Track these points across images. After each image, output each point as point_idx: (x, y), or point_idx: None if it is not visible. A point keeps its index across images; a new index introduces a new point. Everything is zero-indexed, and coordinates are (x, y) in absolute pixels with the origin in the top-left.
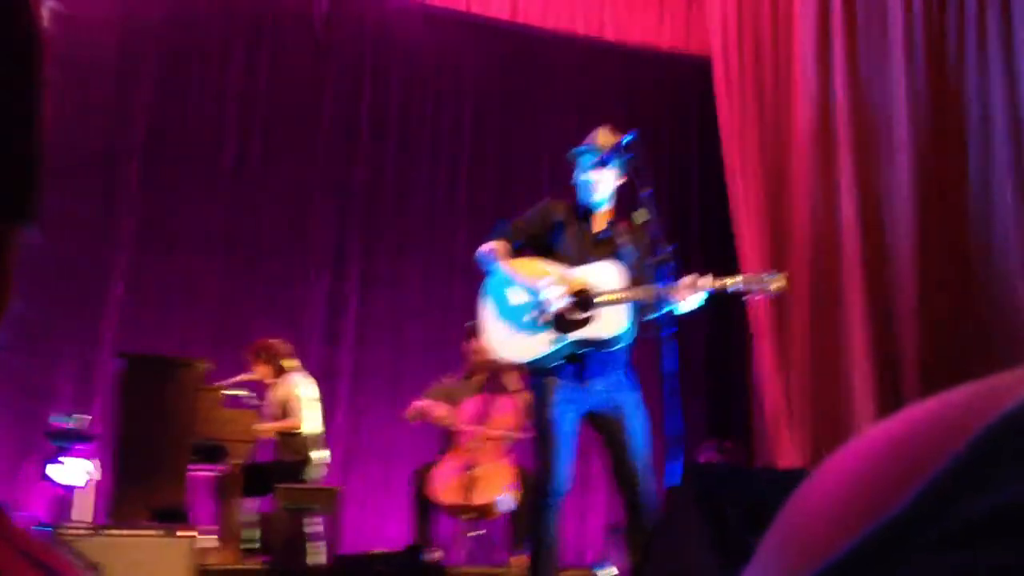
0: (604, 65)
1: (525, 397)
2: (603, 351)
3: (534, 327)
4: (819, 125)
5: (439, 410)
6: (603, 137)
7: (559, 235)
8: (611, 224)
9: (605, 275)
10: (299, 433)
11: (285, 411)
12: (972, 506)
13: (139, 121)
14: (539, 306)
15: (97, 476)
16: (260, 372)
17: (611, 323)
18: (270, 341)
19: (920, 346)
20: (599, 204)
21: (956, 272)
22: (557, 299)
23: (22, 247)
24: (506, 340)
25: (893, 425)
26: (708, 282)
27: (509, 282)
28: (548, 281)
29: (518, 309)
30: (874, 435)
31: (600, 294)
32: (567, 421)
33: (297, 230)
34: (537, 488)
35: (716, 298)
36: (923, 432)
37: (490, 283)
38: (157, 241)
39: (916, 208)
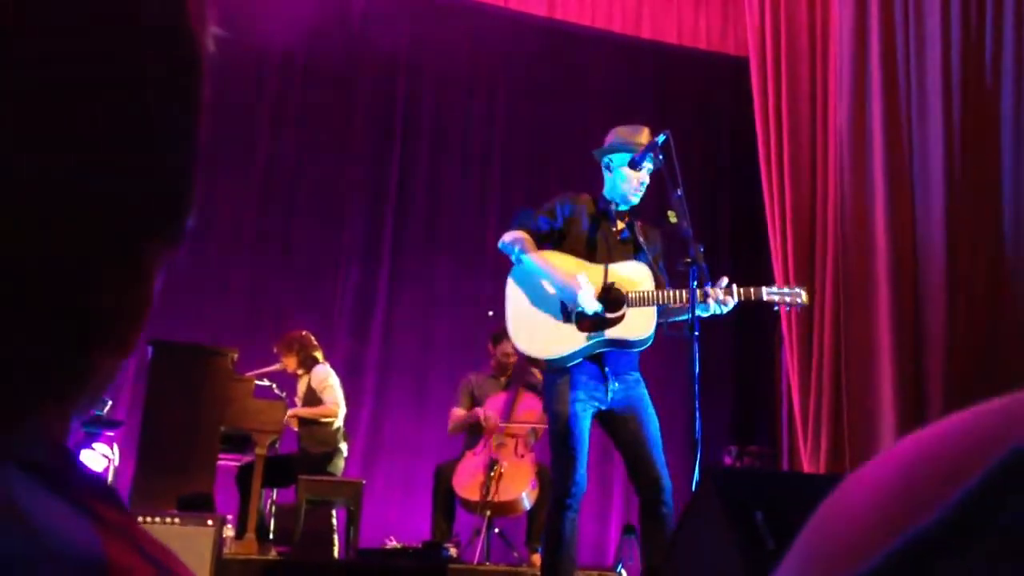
0: (639, 64)
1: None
2: (623, 351)
3: (564, 323)
4: (855, 128)
5: (462, 413)
6: (642, 136)
7: (581, 230)
8: (630, 224)
9: (636, 275)
10: (331, 423)
11: (318, 401)
12: (1006, 519)
13: None
14: (573, 303)
15: (116, 462)
16: (289, 364)
17: (639, 325)
18: (302, 333)
19: (947, 355)
20: (630, 204)
21: (986, 284)
22: (592, 297)
23: (166, 270)
24: (533, 334)
25: (926, 435)
26: (737, 290)
27: (540, 275)
28: (583, 279)
29: (548, 304)
30: (907, 445)
31: (633, 294)
32: (585, 419)
33: (328, 224)
34: (556, 487)
35: (744, 305)
36: (958, 443)
37: (517, 273)
38: (189, 233)
39: (947, 217)
